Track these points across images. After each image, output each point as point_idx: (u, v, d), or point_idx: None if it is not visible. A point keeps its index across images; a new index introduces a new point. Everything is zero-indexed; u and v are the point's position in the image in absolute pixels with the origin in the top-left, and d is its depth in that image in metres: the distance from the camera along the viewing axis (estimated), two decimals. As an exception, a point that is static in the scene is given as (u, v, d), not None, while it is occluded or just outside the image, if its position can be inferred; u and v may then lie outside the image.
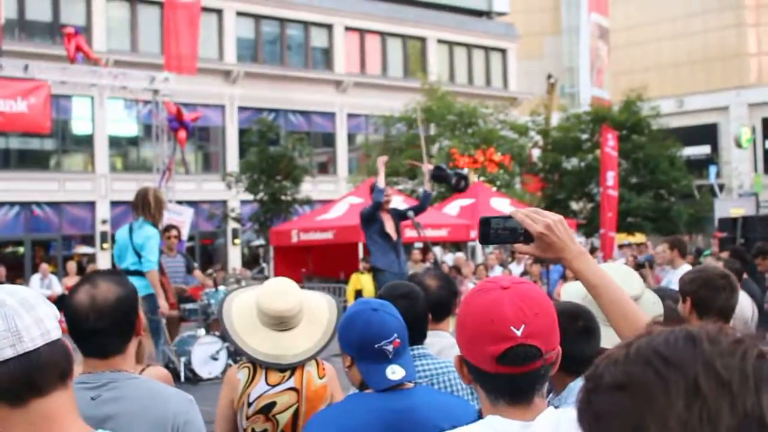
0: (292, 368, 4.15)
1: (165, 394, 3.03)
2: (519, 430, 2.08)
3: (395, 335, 3.21)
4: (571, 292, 3.69)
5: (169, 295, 10.49)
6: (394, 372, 3.16)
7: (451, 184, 11.79)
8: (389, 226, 11.83)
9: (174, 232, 13.87)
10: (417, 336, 3.89)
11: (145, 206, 9.73)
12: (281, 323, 4.17)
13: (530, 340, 2.05)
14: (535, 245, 2.41)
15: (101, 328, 2.93)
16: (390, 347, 3.19)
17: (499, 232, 2.43)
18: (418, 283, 4.32)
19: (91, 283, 2.99)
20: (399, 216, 12.00)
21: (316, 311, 4.33)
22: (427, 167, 12.24)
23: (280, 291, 4.22)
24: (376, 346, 3.18)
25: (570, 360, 3.19)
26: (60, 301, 3.77)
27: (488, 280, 2.18)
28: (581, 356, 3.17)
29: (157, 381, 3.19)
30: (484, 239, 2.45)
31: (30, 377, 1.88)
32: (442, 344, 4.40)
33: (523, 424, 2.08)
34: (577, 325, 3.15)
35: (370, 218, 11.82)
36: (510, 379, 2.08)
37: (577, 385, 3.18)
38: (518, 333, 2.05)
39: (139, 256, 9.79)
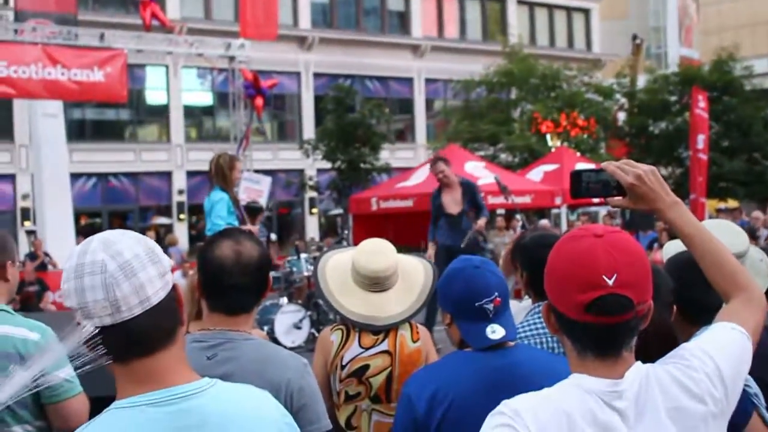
0: (386, 331, 4.16)
1: (281, 358, 3.07)
2: (607, 388, 2.05)
3: (496, 294, 3.20)
4: (673, 250, 3.60)
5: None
6: (494, 331, 3.16)
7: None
8: (448, 202, 12.19)
9: (259, 217, 14.37)
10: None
11: (210, 173, 10.03)
12: (376, 284, 4.19)
13: (622, 289, 2.02)
14: (628, 197, 2.39)
15: (244, 284, 3.02)
16: (490, 306, 3.18)
17: (590, 186, 2.42)
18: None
19: (234, 239, 3.07)
20: (471, 198, 12.23)
21: (411, 274, 4.33)
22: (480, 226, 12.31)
23: (376, 251, 4.23)
24: (476, 304, 3.17)
25: (694, 309, 3.20)
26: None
27: (581, 227, 2.14)
28: (705, 305, 3.09)
29: (272, 344, 3.22)
30: (576, 193, 2.45)
31: (129, 342, 1.95)
32: None
33: (612, 382, 2.05)
34: (700, 274, 3.04)
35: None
36: (598, 329, 2.05)
37: (702, 333, 3.14)
38: (610, 282, 2.01)
39: None
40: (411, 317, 4.22)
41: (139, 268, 1.96)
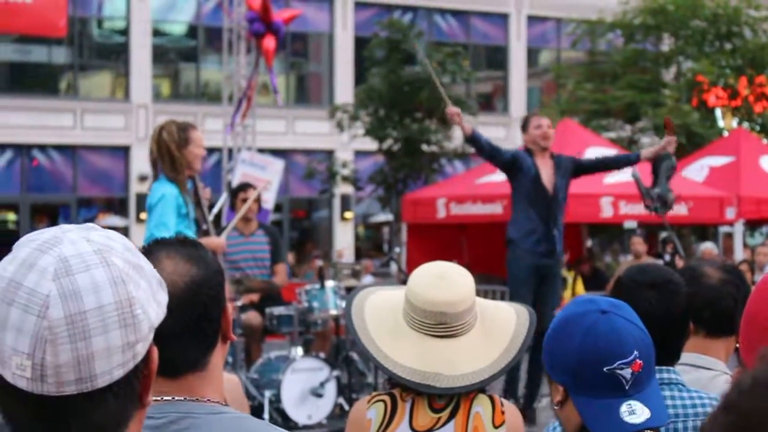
0: (454, 401, 4.00)
1: None
2: None
3: (635, 354, 3.08)
4: None
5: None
6: (634, 411, 3.08)
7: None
8: (546, 175, 12.44)
9: (251, 193, 13.79)
10: (665, 353, 3.78)
11: (151, 154, 9.78)
12: (441, 324, 3.99)
13: None
14: None
15: (163, 329, 2.52)
16: (627, 371, 3.07)
17: None
18: (690, 272, 4.17)
19: (162, 254, 2.83)
20: (574, 167, 12.51)
21: (496, 315, 4.19)
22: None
23: (443, 275, 4.03)
24: (605, 369, 3.08)
25: None
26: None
27: None
28: None
29: (251, 417, 3.05)
30: None
31: (35, 423, 1.98)
32: (706, 378, 4.08)
33: None
34: None
35: (510, 167, 12.40)
36: None
37: None
38: None
39: None
40: (493, 378, 4.06)
41: (96, 330, 1.91)
